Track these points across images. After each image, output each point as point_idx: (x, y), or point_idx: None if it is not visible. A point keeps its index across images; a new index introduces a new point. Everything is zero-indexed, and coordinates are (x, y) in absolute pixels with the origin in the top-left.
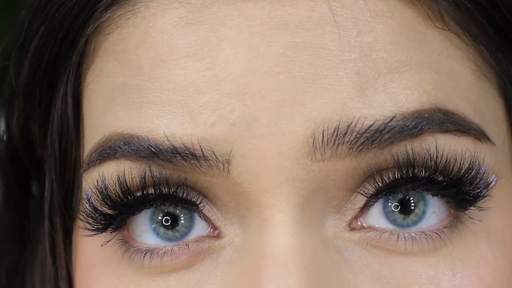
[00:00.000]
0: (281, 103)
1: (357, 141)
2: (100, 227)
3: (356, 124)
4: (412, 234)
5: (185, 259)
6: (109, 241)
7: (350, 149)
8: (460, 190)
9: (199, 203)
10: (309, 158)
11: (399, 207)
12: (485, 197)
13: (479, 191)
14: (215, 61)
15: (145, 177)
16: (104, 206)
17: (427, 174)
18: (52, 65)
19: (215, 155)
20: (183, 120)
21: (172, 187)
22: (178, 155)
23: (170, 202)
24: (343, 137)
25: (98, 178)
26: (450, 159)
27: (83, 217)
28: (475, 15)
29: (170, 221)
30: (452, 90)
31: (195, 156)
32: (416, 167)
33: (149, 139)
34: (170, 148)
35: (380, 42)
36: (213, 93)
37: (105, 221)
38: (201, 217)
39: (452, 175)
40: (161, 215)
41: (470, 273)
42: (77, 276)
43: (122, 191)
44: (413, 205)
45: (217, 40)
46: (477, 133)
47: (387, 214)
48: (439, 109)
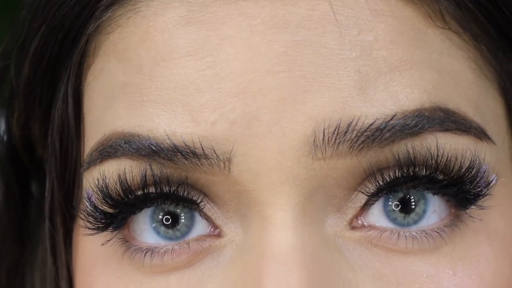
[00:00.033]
0: (282, 102)
1: (357, 140)
2: (100, 226)
3: (357, 122)
4: (412, 233)
5: (186, 258)
6: (109, 240)
7: (351, 147)
8: (460, 189)
9: (200, 202)
10: (310, 156)
11: (400, 206)
12: (486, 196)
13: (480, 190)
14: (216, 60)
15: (145, 176)
16: (104, 205)
17: (427, 173)
18: (52, 65)
19: (216, 154)
20: (184, 118)
21: (173, 185)
22: (179, 154)
23: (170, 201)
24: (344, 136)
25: (98, 177)
26: (450, 158)
27: (84, 216)
28: (476, 14)
29: (170, 220)
30: (452, 89)
31: (196, 154)
32: (416, 165)
33: (150, 137)
34: (171, 146)
35: (380, 41)
36: (214, 92)
37: (106, 220)
38: (201, 216)
39: (452, 174)
40: (161, 214)
41: (470, 272)
42: (78, 275)
43: (122, 190)
44: (413, 204)
45: (218, 39)
46: (477, 132)
47: (388, 213)
48: (440, 108)
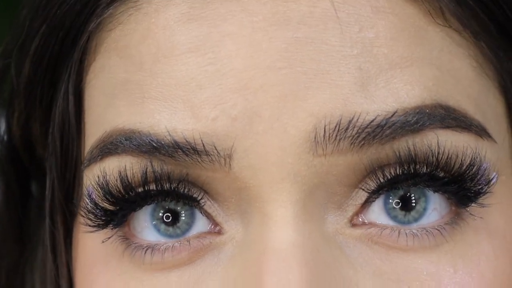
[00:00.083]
0: (283, 98)
1: (358, 136)
2: (101, 223)
3: (357, 119)
4: (413, 230)
5: (186, 255)
6: (110, 238)
7: (351, 144)
8: (461, 186)
9: (200, 199)
10: (310, 153)
11: (400, 203)
12: (486, 193)
13: (480, 187)
14: (217, 56)
15: (146, 173)
16: (105, 202)
17: (428, 170)
18: (53, 64)
19: (217, 150)
20: (184, 115)
21: (173, 182)
22: (179, 150)
23: (171, 198)
24: (345, 132)
25: (99, 174)
26: (451, 155)
27: (84, 213)
28: (476, 11)
29: (171, 217)
30: (453, 86)
31: (197, 151)
32: (417, 163)
33: (150, 134)
34: (171, 143)
35: (381, 38)
36: (215, 88)
37: (106, 217)
38: (202, 213)
39: (453, 171)
40: (162, 211)
41: (471, 270)
42: (78, 273)
43: (123, 187)
44: (414, 201)
45: (219, 35)
46: (478, 130)
47: (388, 210)
48: (440, 105)
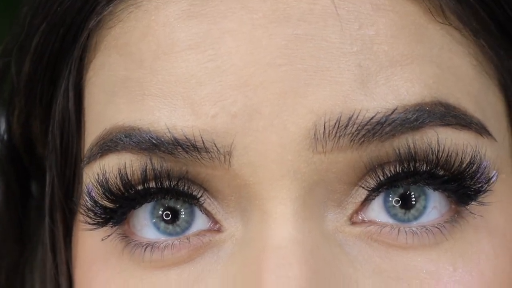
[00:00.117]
0: (283, 95)
1: (358, 133)
2: (100, 221)
3: (357, 116)
4: (413, 228)
5: (186, 253)
6: (109, 236)
7: (351, 141)
8: (461, 184)
9: (200, 196)
10: (310, 150)
11: (400, 202)
12: (486, 191)
13: (480, 185)
14: (218, 53)
15: (146, 170)
16: (104, 199)
17: (428, 168)
18: (53, 61)
19: (217, 147)
20: (184, 112)
21: (173, 180)
22: (179, 147)
23: (171, 195)
24: (345, 129)
25: (99, 171)
26: (451, 153)
27: (84, 211)
28: (476, 9)
29: (170, 215)
30: (453, 84)
31: (197, 148)
32: (417, 161)
33: (150, 131)
34: (171, 140)
35: (381, 35)
36: (215, 85)
37: (106, 215)
38: (201, 211)
39: (453, 169)
40: (161, 209)
41: (471, 269)
42: (77, 272)
43: (123, 184)
44: (414, 200)
45: (219, 32)
46: (478, 128)
47: (388, 208)
48: (440, 102)
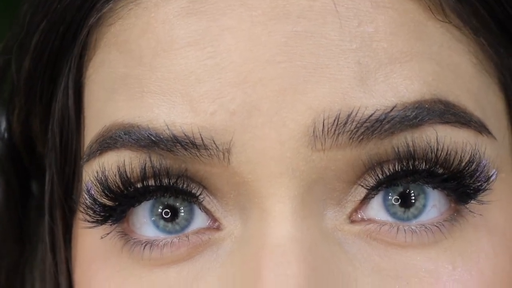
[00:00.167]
0: (282, 92)
1: (357, 131)
2: (99, 219)
3: (356, 113)
4: (412, 227)
5: (185, 251)
6: (108, 234)
7: (350, 138)
8: (460, 183)
9: (199, 194)
10: (309, 147)
11: (400, 200)
12: (486, 190)
13: (480, 184)
14: (217, 50)
15: (145, 168)
16: (104, 197)
17: (427, 166)
18: (53, 59)
19: (215, 144)
20: (183, 109)
21: (172, 178)
22: (178, 144)
23: (170, 193)
24: (344, 127)
25: (98, 169)
26: (450, 152)
27: (83, 209)
28: (476, 7)
29: (170, 213)
30: (452, 81)
31: (195, 145)
32: (416, 159)
33: (149, 128)
34: (170, 137)
35: (381, 32)
36: (214, 82)
37: (105, 212)
38: (201, 209)
39: (452, 167)
40: (161, 207)
41: (470, 267)
42: (77, 270)
43: (122, 182)
44: (413, 198)
45: (219, 29)
46: (477, 126)
47: (387, 207)
48: (440, 100)
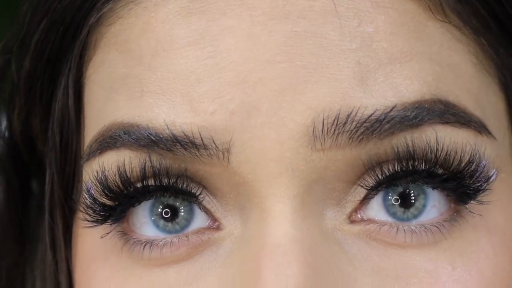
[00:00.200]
0: (281, 92)
1: (357, 131)
2: (99, 218)
3: (356, 113)
4: (411, 227)
5: (185, 250)
6: (108, 233)
7: (350, 138)
8: (460, 183)
9: (199, 194)
10: (309, 147)
11: (399, 200)
12: (486, 190)
13: (480, 184)
14: (217, 50)
15: (145, 167)
16: (103, 197)
17: (427, 167)
18: (53, 59)
19: (215, 144)
20: (183, 108)
21: (172, 177)
22: (178, 144)
23: (170, 193)
24: (343, 127)
25: (98, 169)
26: (450, 152)
27: (83, 209)
28: (476, 7)
29: (170, 213)
30: (452, 81)
31: (195, 144)
32: (416, 159)
33: (149, 127)
34: (170, 136)
35: (381, 32)
36: (214, 81)
37: (105, 212)
38: (201, 209)
39: (452, 168)
40: (161, 207)
41: (470, 268)
42: (77, 269)
43: (122, 182)
44: (413, 198)
45: (219, 29)
46: (477, 126)
47: (387, 207)
48: (440, 100)
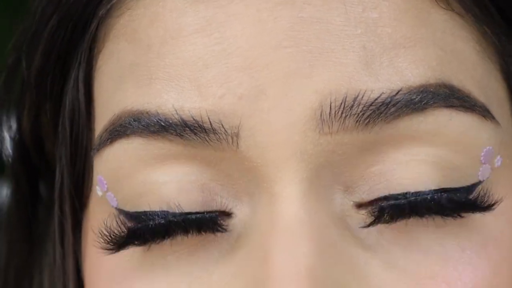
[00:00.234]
0: (288, 76)
1: (363, 114)
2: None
3: (362, 96)
4: None
5: (196, 237)
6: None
7: (357, 121)
8: None
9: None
10: (316, 131)
11: None
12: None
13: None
14: (224, 36)
15: None
16: None
17: None
18: (63, 54)
19: (224, 128)
20: (191, 94)
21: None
22: (187, 129)
23: None
24: (350, 110)
25: (109, 158)
26: (455, 136)
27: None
28: None
29: None
30: (456, 66)
31: (204, 129)
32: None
33: (158, 113)
34: (179, 121)
35: (385, 18)
36: (222, 67)
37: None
38: None
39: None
40: None
41: (478, 251)
42: (87, 261)
43: None
44: None
45: (225, 16)
46: (482, 110)
47: None
48: (444, 84)
